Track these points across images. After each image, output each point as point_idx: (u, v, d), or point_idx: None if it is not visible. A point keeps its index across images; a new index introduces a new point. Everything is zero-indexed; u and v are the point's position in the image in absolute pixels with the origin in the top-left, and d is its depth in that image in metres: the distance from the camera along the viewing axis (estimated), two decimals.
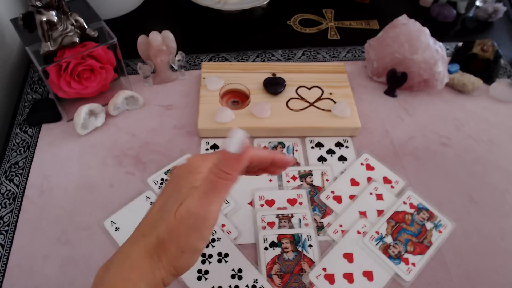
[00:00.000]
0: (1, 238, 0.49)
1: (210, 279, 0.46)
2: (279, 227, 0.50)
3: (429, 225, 0.51)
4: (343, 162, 0.58)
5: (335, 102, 0.62)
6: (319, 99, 0.62)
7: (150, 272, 0.31)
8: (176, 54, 0.65)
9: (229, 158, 0.33)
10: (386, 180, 0.55)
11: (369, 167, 0.57)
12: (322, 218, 0.51)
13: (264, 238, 0.49)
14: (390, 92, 0.66)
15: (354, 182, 0.55)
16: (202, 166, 0.33)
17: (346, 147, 0.59)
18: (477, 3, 0.84)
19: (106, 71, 0.60)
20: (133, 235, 0.33)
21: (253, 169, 0.38)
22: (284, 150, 0.59)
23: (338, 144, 0.59)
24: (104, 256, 0.47)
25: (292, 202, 0.53)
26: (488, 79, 0.67)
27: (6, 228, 0.50)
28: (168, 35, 0.64)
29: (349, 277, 0.46)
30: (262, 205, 0.52)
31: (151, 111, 0.63)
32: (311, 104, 0.62)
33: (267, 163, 0.37)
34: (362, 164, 0.57)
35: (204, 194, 0.32)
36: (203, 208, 0.31)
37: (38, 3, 0.50)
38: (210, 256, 0.48)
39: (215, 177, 0.33)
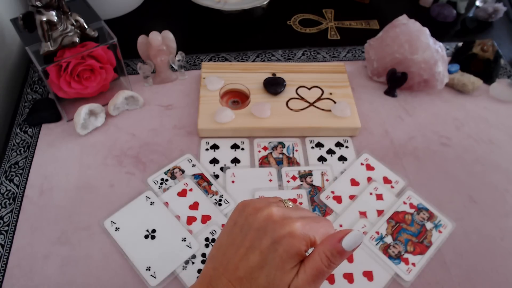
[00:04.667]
0: (1, 238, 0.49)
1: None
2: None
3: (429, 225, 0.51)
4: (343, 162, 0.57)
5: (335, 102, 0.62)
6: (319, 99, 0.62)
7: None
8: (176, 54, 0.65)
9: (341, 252, 0.34)
10: (386, 180, 0.55)
11: (369, 167, 0.57)
12: None
13: None
14: (390, 92, 0.66)
15: (354, 182, 0.55)
16: (302, 243, 0.34)
17: (346, 147, 0.59)
18: (477, 3, 0.84)
19: (106, 71, 0.60)
20: (215, 273, 0.35)
21: None
22: (284, 150, 0.59)
23: (338, 144, 0.59)
24: (104, 256, 0.48)
25: (292, 202, 0.52)
26: (488, 79, 0.67)
27: (6, 228, 0.50)
28: (168, 35, 0.64)
29: (349, 277, 0.46)
30: None
31: (151, 111, 0.63)
32: (311, 104, 0.62)
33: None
34: (362, 164, 0.57)
35: (313, 281, 0.33)
36: None
37: (38, 3, 0.50)
38: None
39: (324, 266, 0.33)
